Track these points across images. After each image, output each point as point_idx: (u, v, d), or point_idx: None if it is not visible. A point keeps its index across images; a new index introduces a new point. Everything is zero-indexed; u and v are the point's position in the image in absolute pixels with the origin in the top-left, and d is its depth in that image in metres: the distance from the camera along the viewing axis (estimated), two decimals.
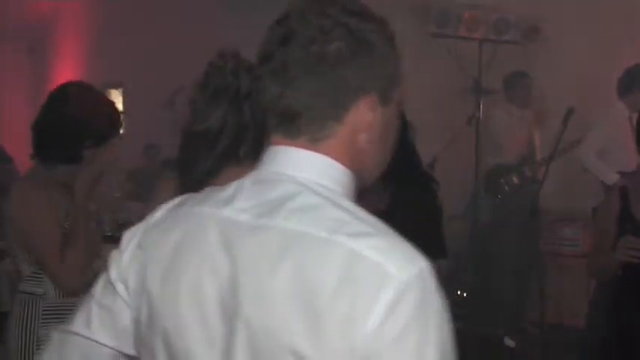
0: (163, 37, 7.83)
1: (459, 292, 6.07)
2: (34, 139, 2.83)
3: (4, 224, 2.98)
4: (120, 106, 9.06)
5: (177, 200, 1.30)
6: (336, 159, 1.19)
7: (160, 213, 1.29)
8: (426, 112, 6.53)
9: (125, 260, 1.27)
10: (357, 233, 1.09)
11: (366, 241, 1.08)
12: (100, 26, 9.29)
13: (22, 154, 6.90)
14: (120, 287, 1.27)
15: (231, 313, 1.13)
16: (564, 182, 5.86)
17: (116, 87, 9.06)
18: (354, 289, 1.05)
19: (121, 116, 2.94)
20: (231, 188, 1.22)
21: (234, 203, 1.19)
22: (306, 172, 1.18)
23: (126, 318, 1.27)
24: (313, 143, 1.19)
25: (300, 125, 1.18)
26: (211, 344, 1.16)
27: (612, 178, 5.17)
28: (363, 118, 1.19)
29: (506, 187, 6.17)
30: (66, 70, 9.96)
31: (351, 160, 1.20)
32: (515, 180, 6.13)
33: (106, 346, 1.29)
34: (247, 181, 1.21)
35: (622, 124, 5.24)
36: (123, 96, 9.03)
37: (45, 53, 10.26)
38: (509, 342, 5.55)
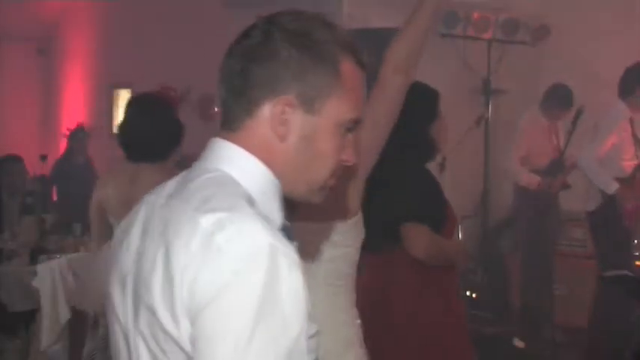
0: (172, 38, 7.84)
1: (468, 293, 6.07)
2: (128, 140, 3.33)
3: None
4: None
5: None
6: (246, 149, 1.28)
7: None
8: None
9: None
10: (210, 209, 1.18)
11: (214, 215, 1.17)
12: (109, 27, 9.31)
13: (32, 154, 6.94)
14: None
15: (135, 290, 1.26)
16: (574, 183, 5.83)
17: (125, 87, 9.07)
18: (200, 259, 1.15)
19: None
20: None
21: (163, 190, 1.33)
22: (213, 159, 1.29)
23: None
24: (230, 133, 1.31)
25: (225, 117, 1.32)
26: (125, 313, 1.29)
27: (613, 187, 5.12)
28: (276, 115, 1.27)
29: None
30: (75, 71, 9.98)
31: (262, 152, 1.28)
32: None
33: None
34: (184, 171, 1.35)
35: (622, 127, 5.19)
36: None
37: (54, 54, 10.28)
38: (518, 343, 5.55)
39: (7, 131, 9.36)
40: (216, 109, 5.89)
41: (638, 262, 5.31)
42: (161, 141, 3.30)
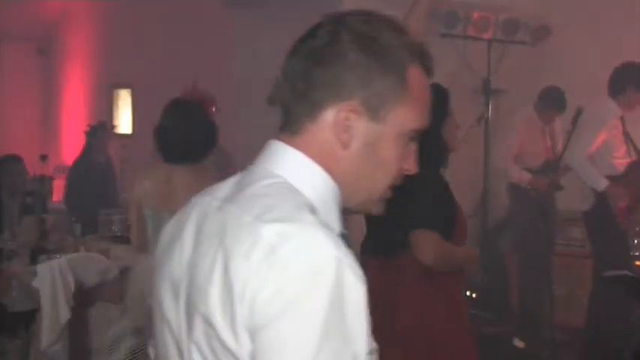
0: (172, 38, 7.84)
1: (468, 293, 6.07)
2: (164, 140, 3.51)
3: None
4: (128, 106, 9.08)
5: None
6: (306, 154, 1.23)
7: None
8: None
9: None
10: (273, 219, 1.12)
11: (276, 226, 1.11)
12: (109, 27, 9.32)
13: (32, 154, 6.95)
14: None
15: (187, 293, 1.21)
16: (571, 183, 5.83)
17: (125, 87, 9.08)
18: (263, 273, 1.08)
19: None
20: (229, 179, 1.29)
21: (216, 192, 1.26)
22: (272, 163, 1.23)
23: None
24: (290, 136, 1.24)
25: (285, 119, 1.26)
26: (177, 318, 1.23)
27: (603, 184, 5.12)
28: (340, 121, 1.22)
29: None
30: (75, 71, 9.99)
31: (323, 158, 1.23)
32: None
33: None
34: (239, 173, 1.28)
35: (613, 125, 5.20)
36: (132, 96, 9.05)
37: (54, 54, 10.29)
38: (518, 343, 5.55)
39: (7, 131, 9.36)
40: (214, 109, 5.87)
41: (638, 262, 5.31)
42: (193, 143, 3.47)
